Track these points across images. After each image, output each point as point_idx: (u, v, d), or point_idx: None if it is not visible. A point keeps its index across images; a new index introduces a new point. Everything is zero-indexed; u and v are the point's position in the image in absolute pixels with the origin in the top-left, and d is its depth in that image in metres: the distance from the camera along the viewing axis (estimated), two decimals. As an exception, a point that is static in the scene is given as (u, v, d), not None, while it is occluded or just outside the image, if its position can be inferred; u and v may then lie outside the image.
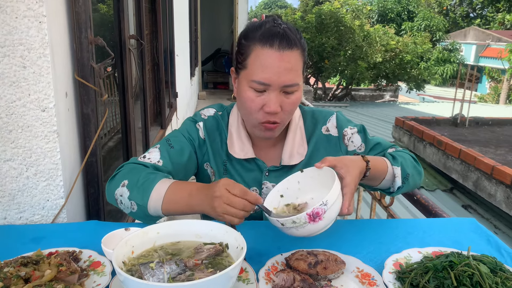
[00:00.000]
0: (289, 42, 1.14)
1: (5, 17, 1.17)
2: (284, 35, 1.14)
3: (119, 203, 1.17)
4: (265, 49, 1.13)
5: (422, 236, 1.22)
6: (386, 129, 8.37)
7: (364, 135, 1.37)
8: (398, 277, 0.98)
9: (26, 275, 0.93)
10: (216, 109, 1.38)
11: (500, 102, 18.99)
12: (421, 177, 1.36)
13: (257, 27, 1.18)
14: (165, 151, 1.26)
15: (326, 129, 1.37)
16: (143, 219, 1.18)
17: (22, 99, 1.23)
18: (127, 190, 1.14)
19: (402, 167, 1.26)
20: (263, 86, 1.15)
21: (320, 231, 1.03)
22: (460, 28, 26.63)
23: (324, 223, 1.01)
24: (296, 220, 1.00)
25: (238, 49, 1.22)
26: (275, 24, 1.17)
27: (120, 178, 1.18)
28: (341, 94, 15.71)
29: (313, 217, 0.99)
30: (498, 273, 0.92)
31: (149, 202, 1.11)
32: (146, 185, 1.13)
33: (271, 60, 1.13)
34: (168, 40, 4.21)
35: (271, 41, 1.13)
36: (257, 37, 1.15)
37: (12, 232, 1.22)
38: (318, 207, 0.98)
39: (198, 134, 1.33)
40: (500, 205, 4.44)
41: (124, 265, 0.89)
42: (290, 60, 1.14)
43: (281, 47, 1.13)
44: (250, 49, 1.16)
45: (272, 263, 1.02)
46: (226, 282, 0.83)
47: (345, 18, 13.40)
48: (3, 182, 1.29)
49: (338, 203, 1.02)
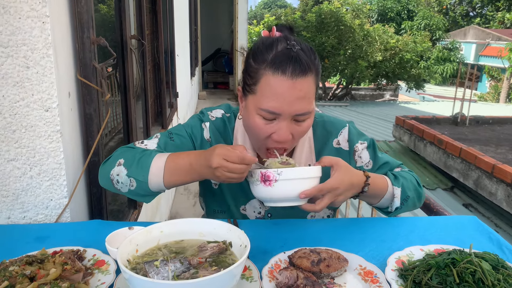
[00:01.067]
0: (303, 69, 1.05)
1: (8, 18, 1.18)
2: (298, 60, 1.05)
3: (115, 183, 1.15)
4: (277, 77, 1.05)
5: (424, 234, 1.23)
6: (387, 128, 8.37)
7: (373, 152, 1.33)
8: (400, 275, 0.98)
9: (31, 273, 0.93)
10: (224, 111, 1.34)
11: (500, 101, 18.98)
12: (422, 200, 1.34)
13: (268, 47, 1.10)
14: (163, 142, 1.24)
15: (337, 142, 1.32)
16: (141, 197, 1.17)
17: (25, 99, 1.24)
18: (124, 169, 1.13)
19: (402, 188, 1.24)
20: (273, 115, 1.08)
21: (273, 201, 1.08)
22: (460, 27, 26.62)
23: (275, 192, 1.04)
24: (253, 174, 1.06)
25: (246, 69, 1.14)
26: (288, 45, 1.08)
27: (115, 159, 1.17)
28: (341, 93, 15.71)
29: (264, 178, 1.04)
30: (500, 270, 0.92)
31: (150, 176, 1.11)
32: (144, 160, 1.12)
33: (282, 88, 1.05)
34: (169, 40, 4.21)
35: (283, 67, 1.04)
36: (268, 61, 1.07)
37: (16, 231, 1.23)
38: (271, 171, 1.03)
39: (202, 133, 1.30)
40: (501, 204, 4.45)
41: (128, 263, 0.90)
42: (303, 88, 1.06)
43: (294, 74, 1.04)
44: (260, 74, 1.08)
45: (275, 261, 1.03)
46: (230, 280, 0.83)
47: (345, 18, 13.41)
48: (7, 181, 1.30)
49: (298, 185, 1.05)
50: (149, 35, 3.15)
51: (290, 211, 1.11)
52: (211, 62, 13.33)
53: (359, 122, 8.98)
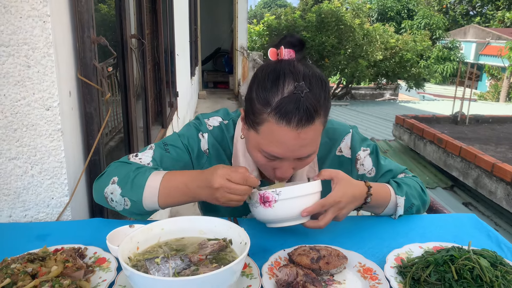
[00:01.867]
0: (310, 117, 0.98)
1: (9, 17, 1.18)
2: (305, 109, 0.97)
3: (110, 201, 1.14)
4: (281, 126, 0.99)
5: (423, 232, 1.24)
6: (387, 127, 8.38)
7: (376, 158, 1.31)
8: (399, 272, 0.99)
9: (33, 271, 0.94)
10: (221, 118, 1.28)
11: (500, 100, 18.99)
12: (426, 207, 1.32)
13: (273, 83, 1.01)
14: (159, 154, 1.20)
15: (339, 149, 1.30)
16: (136, 216, 1.16)
17: (26, 98, 1.25)
18: (118, 187, 1.11)
19: (406, 196, 1.23)
20: (275, 157, 1.06)
21: (274, 222, 1.07)
22: (460, 26, 26.62)
23: (276, 213, 1.04)
24: (251, 196, 1.05)
25: (250, 100, 1.06)
26: (297, 89, 0.98)
27: (109, 176, 1.14)
28: (341, 93, 15.71)
29: (263, 200, 1.03)
30: (498, 267, 0.93)
31: (144, 197, 1.09)
32: (138, 180, 1.10)
33: (286, 138, 1.00)
34: (169, 40, 4.22)
35: (288, 117, 0.98)
36: (273, 107, 0.99)
37: (17, 229, 1.23)
38: (270, 192, 1.02)
39: (199, 145, 1.24)
40: (501, 202, 4.46)
41: (129, 260, 0.91)
42: (308, 136, 1.01)
43: (300, 125, 0.98)
44: (263, 118, 1.01)
45: (275, 259, 1.03)
46: (230, 277, 0.84)
47: (345, 17, 13.40)
48: (8, 180, 1.31)
49: (299, 203, 1.04)
50: (149, 35, 3.16)
51: None
52: (211, 61, 13.34)
53: (359, 121, 8.99)
